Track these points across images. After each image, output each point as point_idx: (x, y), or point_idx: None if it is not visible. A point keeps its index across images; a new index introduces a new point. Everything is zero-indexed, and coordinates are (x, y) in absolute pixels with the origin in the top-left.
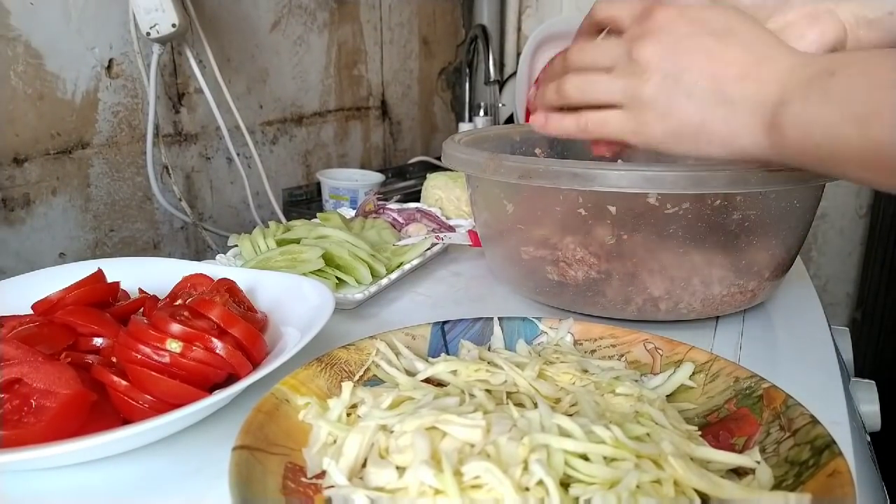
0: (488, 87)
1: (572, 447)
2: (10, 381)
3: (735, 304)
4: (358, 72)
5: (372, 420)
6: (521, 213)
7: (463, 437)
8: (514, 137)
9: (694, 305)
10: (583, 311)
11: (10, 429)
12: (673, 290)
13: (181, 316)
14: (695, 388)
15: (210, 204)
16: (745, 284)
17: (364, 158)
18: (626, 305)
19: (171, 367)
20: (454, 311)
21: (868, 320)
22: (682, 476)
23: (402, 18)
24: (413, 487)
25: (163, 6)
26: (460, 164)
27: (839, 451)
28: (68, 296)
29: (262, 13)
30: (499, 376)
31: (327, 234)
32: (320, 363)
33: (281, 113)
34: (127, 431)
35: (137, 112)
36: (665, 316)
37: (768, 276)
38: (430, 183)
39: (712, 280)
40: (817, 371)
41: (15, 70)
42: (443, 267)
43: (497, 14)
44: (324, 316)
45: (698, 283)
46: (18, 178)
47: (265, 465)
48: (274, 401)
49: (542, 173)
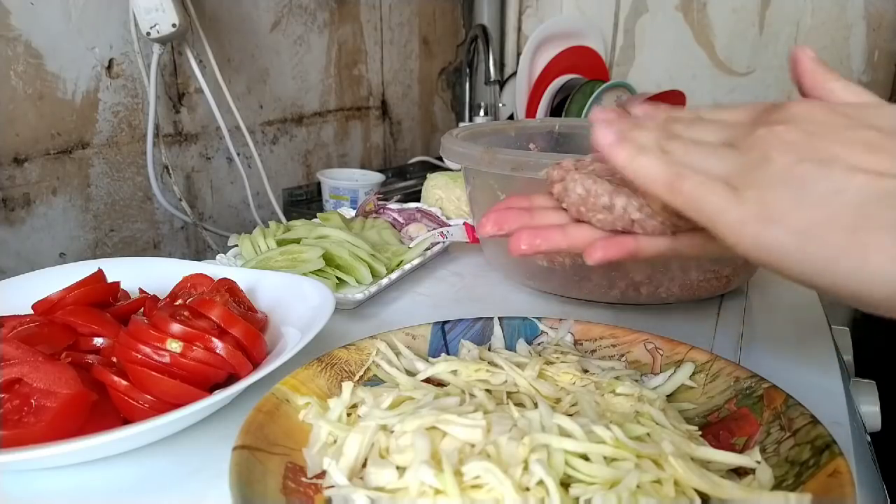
0: (488, 87)
1: (572, 447)
2: (10, 381)
3: (711, 290)
4: (358, 72)
5: (372, 420)
6: None
7: (463, 437)
8: (510, 132)
9: (673, 290)
10: (570, 295)
11: (10, 429)
12: (653, 275)
13: (181, 316)
14: (695, 388)
15: (210, 204)
16: (721, 270)
17: (364, 158)
18: (609, 289)
19: (171, 367)
20: (454, 310)
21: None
22: (683, 476)
23: (403, 18)
24: (413, 487)
25: (163, 6)
26: (457, 157)
27: (839, 452)
28: (68, 296)
29: (263, 13)
30: (499, 376)
31: (327, 234)
32: (320, 363)
33: (281, 113)
34: (127, 431)
35: (137, 112)
36: (646, 300)
37: (742, 262)
38: (431, 183)
39: (689, 266)
40: (817, 371)
41: (15, 70)
42: (443, 266)
43: (497, 14)
44: (324, 316)
45: (676, 268)
46: (18, 178)
47: (265, 465)
48: (274, 401)
49: (532, 165)
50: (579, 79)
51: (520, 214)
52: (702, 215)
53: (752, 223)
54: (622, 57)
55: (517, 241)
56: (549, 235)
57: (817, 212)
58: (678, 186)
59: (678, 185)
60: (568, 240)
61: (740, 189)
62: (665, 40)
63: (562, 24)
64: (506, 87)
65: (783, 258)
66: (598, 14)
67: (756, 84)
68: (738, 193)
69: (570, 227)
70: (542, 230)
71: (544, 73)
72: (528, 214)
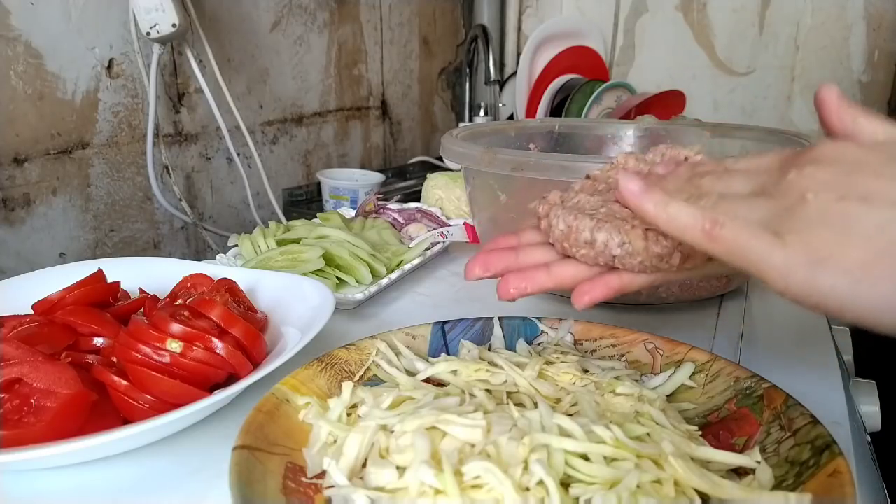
0: (488, 87)
1: (572, 447)
2: (10, 381)
3: (711, 290)
4: (358, 72)
5: (372, 420)
6: (513, 203)
7: (463, 437)
8: (510, 132)
9: (673, 290)
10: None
11: (10, 429)
12: None
13: (181, 316)
14: (695, 388)
15: (210, 204)
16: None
17: (364, 158)
18: None
19: (171, 367)
20: (454, 310)
21: None
22: (683, 476)
23: (403, 18)
24: (413, 487)
25: (163, 6)
26: (457, 157)
27: (839, 451)
28: (69, 296)
29: (263, 13)
30: (499, 376)
31: (327, 234)
32: (320, 363)
33: (281, 113)
34: (127, 431)
35: (137, 112)
36: (646, 300)
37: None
38: (431, 183)
39: None
40: (817, 371)
41: (15, 70)
42: (443, 266)
43: (497, 14)
44: (324, 316)
45: None
46: (19, 178)
47: (265, 464)
48: (274, 401)
49: (532, 165)
50: (579, 79)
51: (506, 255)
52: (746, 262)
53: (800, 268)
54: (622, 57)
55: (505, 286)
56: (534, 278)
57: (865, 250)
58: (717, 233)
59: (717, 232)
60: (553, 280)
61: (782, 233)
62: (665, 40)
63: (562, 24)
64: (506, 87)
65: (838, 301)
66: (598, 14)
67: (756, 84)
68: (781, 237)
69: (556, 267)
70: (528, 273)
71: (544, 73)
72: (513, 255)
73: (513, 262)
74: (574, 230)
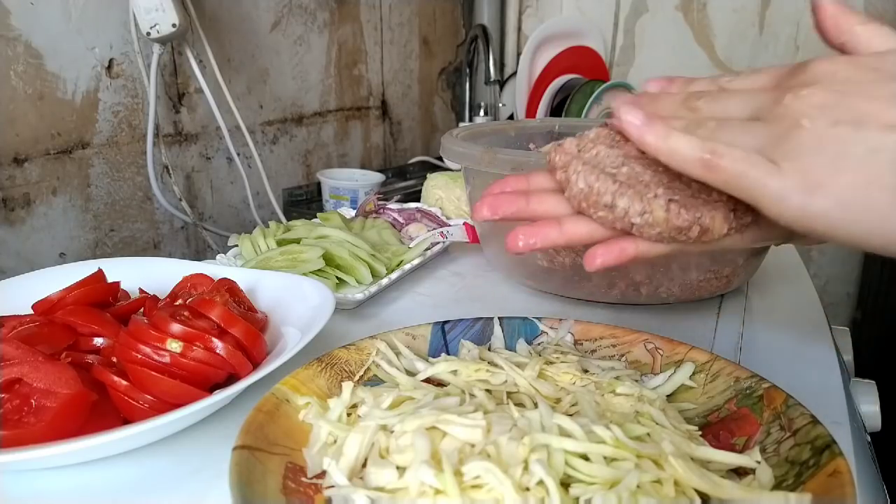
0: (488, 87)
1: (573, 447)
2: (10, 381)
3: (711, 290)
4: (358, 72)
5: (372, 420)
6: None
7: (463, 437)
8: (510, 132)
9: (673, 290)
10: (570, 295)
11: (10, 429)
12: (653, 274)
13: (181, 316)
14: (695, 388)
15: (210, 204)
16: (721, 270)
17: (364, 158)
18: (609, 289)
19: (171, 367)
20: (454, 310)
21: (868, 320)
22: (683, 476)
23: (403, 18)
24: (413, 487)
25: (163, 6)
26: (457, 157)
27: (840, 451)
28: (68, 296)
29: (262, 13)
30: (499, 376)
31: (327, 234)
32: (320, 363)
33: (281, 113)
34: (127, 431)
35: (137, 112)
36: (646, 300)
37: (742, 262)
38: (431, 183)
39: (689, 265)
40: (817, 371)
41: (15, 70)
42: (443, 266)
43: (497, 14)
44: (324, 316)
45: (676, 268)
46: (18, 178)
47: (265, 465)
48: (274, 401)
49: (533, 165)
50: (579, 79)
51: (515, 199)
52: (742, 191)
53: (794, 194)
54: (622, 57)
55: (514, 239)
56: (545, 234)
57: (857, 175)
58: (716, 163)
59: (715, 163)
60: (565, 237)
61: (777, 161)
62: (665, 40)
63: (562, 24)
64: (506, 87)
65: (830, 226)
66: (598, 14)
67: None
68: (777, 165)
69: (568, 223)
70: (539, 227)
71: (544, 73)
72: (523, 199)
73: (523, 208)
74: (595, 192)
